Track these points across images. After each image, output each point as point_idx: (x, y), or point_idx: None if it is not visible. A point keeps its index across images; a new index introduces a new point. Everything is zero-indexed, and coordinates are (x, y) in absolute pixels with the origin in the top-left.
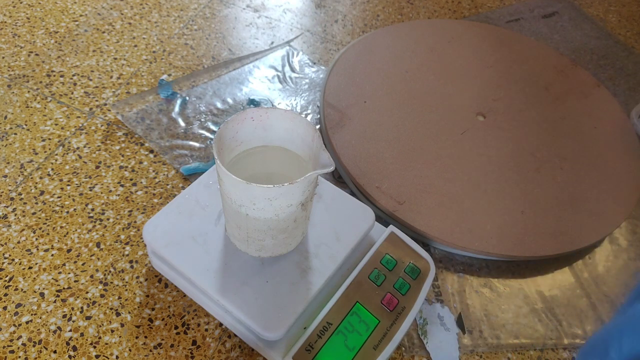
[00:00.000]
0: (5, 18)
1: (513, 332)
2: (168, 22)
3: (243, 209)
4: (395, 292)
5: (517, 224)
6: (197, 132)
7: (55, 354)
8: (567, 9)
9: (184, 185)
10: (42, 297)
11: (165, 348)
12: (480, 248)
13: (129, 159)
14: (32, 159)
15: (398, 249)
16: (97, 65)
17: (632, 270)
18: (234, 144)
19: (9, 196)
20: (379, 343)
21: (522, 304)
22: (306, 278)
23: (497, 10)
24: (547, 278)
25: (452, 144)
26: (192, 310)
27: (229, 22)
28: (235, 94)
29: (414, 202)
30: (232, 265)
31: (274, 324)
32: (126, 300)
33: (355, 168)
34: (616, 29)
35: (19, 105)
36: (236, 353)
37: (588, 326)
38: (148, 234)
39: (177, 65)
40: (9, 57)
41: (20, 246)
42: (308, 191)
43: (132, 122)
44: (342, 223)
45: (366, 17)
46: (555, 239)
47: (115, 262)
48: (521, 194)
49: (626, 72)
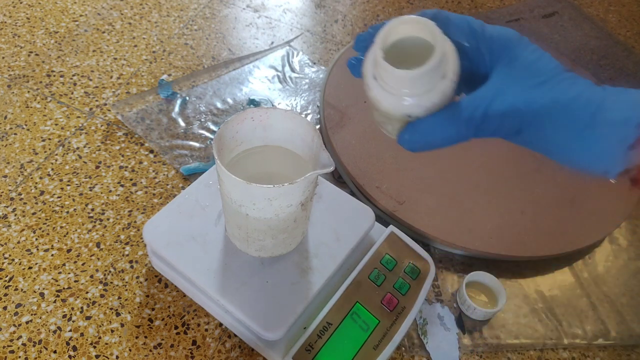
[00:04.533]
0: (5, 18)
1: (513, 332)
2: (168, 22)
3: (243, 209)
4: (395, 292)
5: (517, 224)
6: (197, 132)
7: (55, 354)
8: (567, 9)
9: (184, 185)
10: (42, 297)
11: (165, 348)
12: (480, 248)
13: (129, 159)
14: (32, 159)
15: (398, 249)
16: (97, 65)
17: (632, 270)
18: (234, 144)
19: (9, 196)
20: (379, 343)
21: (522, 304)
22: (306, 278)
23: (497, 10)
24: (547, 278)
25: None
26: (192, 310)
27: (229, 22)
28: (235, 94)
29: (414, 202)
30: (232, 265)
31: (274, 324)
32: (126, 300)
33: (355, 168)
34: (616, 29)
35: (19, 105)
36: (236, 353)
37: (588, 326)
38: (148, 234)
39: (177, 65)
40: (9, 57)
41: (20, 246)
42: (308, 191)
43: (132, 122)
44: (342, 223)
45: (366, 17)
46: (555, 239)
47: (115, 262)
48: (521, 194)
49: (626, 72)
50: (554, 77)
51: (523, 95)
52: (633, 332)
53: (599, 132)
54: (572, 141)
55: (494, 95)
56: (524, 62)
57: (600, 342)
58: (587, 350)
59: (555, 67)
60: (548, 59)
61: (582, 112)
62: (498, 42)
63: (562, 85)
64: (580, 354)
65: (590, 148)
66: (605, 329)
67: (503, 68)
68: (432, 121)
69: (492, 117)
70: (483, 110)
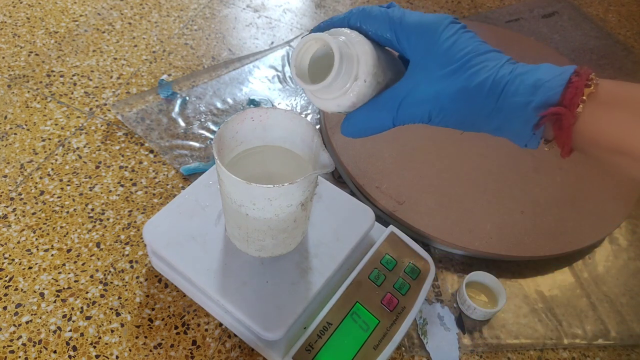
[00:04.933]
0: (5, 18)
1: (513, 332)
2: (168, 22)
3: (243, 209)
4: (395, 292)
5: (517, 224)
6: (197, 132)
7: (55, 354)
8: (567, 8)
9: (184, 185)
10: (42, 297)
11: (165, 348)
12: (480, 248)
13: (129, 159)
14: (32, 159)
15: (398, 249)
16: (97, 65)
17: (632, 270)
18: (234, 144)
19: (9, 196)
20: (379, 343)
21: (522, 304)
22: (306, 278)
23: (497, 10)
24: (547, 278)
25: (452, 143)
26: (192, 310)
27: (229, 22)
28: (235, 94)
29: (414, 202)
30: (232, 265)
31: (274, 324)
32: (126, 300)
33: (355, 168)
34: (616, 28)
35: (19, 105)
36: (236, 353)
37: (588, 326)
38: (148, 234)
39: (177, 65)
40: (9, 57)
41: (20, 246)
42: (308, 191)
43: (132, 122)
44: (342, 223)
45: None
46: (555, 239)
47: (115, 262)
48: (521, 194)
49: (625, 72)
50: (465, 63)
51: (431, 88)
52: (633, 332)
53: (504, 115)
54: (483, 124)
55: (407, 91)
56: (438, 50)
57: (600, 342)
58: (587, 350)
59: (468, 52)
60: (463, 43)
61: (486, 99)
62: (415, 31)
63: (470, 72)
64: (580, 354)
65: (501, 128)
66: (605, 329)
67: (419, 59)
68: (359, 114)
69: (407, 109)
70: (398, 104)
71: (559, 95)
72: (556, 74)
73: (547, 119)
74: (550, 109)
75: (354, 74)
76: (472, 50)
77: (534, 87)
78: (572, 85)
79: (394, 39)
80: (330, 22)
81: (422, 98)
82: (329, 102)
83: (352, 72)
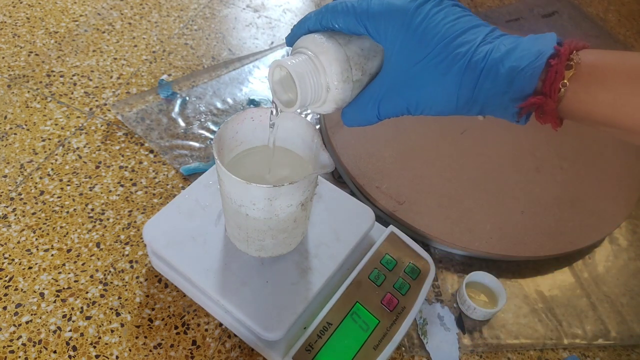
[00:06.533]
0: (5, 18)
1: (513, 332)
2: (168, 22)
3: (243, 209)
4: (395, 292)
5: (517, 224)
6: (197, 132)
7: (55, 354)
8: (567, 8)
9: (184, 185)
10: (42, 297)
11: (165, 348)
12: (480, 248)
13: (129, 159)
14: (32, 159)
15: (398, 249)
16: (97, 65)
17: (632, 270)
18: (234, 144)
19: (9, 196)
20: (379, 343)
21: (522, 304)
22: (306, 278)
23: (497, 9)
24: (547, 278)
25: (452, 143)
26: (192, 310)
27: (229, 22)
28: (235, 94)
29: (414, 202)
30: (232, 265)
31: (274, 324)
32: (126, 300)
33: (355, 168)
34: (616, 28)
35: (19, 105)
36: (236, 353)
37: (588, 326)
38: (148, 234)
39: (177, 65)
40: (9, 57)
41: (20, 246)
42: (308, 191)
43: (132, 122)
44: (342, 223)
45: None
46: (555, 239)
47: (115, 262)
48: (521, 194)
49: None
50: (438, 54)
51: (406, 84)
52: (633, 332)
53: (480, 105)
54: (464, 112)
55: (385, 89)
56: (410, 41)
57: (600, 342)
58: (587, 350)
59: (440, 39)
60: (434, 29)
61: (460, 91)
62: (383, 22)
63: (444, 65)
64: (580, 354)
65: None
66: (605, 329)
67: (392, 52)
68: (349, 111)
69: (385, 107)
70: (377, 103)
71: (536, 81)
72: (532, 57)
73: (527, 109)
74: (528, 100)
75: (324, 86)
76: (445, 34)
77: (509, 77)
78: (551, 69)
79: (365, 32)
80: (304, 25)
81: (398, 94)
82: (316, 109)
83: (322, 85)
